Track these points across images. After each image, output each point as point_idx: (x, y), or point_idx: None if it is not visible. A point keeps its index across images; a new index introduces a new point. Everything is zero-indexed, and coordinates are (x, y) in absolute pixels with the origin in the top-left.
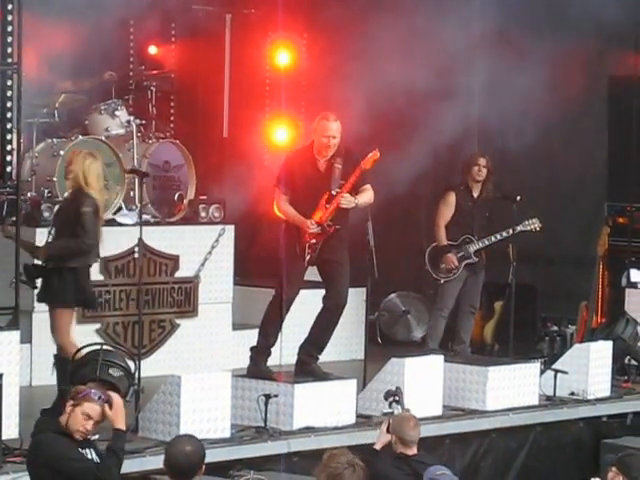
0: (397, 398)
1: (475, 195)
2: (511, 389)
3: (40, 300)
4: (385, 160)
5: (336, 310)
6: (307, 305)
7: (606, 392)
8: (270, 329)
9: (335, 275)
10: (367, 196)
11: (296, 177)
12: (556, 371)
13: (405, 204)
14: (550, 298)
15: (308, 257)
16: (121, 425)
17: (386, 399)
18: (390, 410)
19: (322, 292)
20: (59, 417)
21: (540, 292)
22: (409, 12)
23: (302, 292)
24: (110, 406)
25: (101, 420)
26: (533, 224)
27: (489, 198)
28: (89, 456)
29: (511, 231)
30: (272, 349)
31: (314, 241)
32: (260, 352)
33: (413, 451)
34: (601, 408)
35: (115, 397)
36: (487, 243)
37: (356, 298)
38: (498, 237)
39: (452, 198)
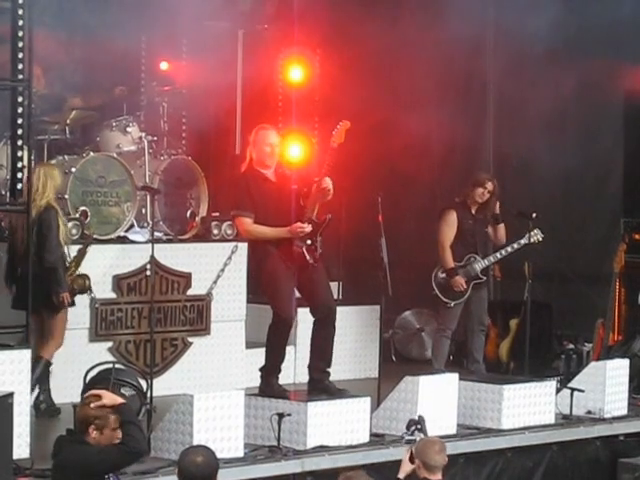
0: (419, 426)
1: (474, 211)
2: (527, 407)
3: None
4: (398, 176)
5: (328, 318)
6: None
7: (623, 411)
8: (276, 350)
9: (311, 281)
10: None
11: (254, 197)
12: (572, 389)
13: (419, 220)
14: (566, 316)
15: (311, 260)
16: (117, 401)
17: (408, 429)
18: (413, 437)
19: None
20: (80, 436)
21: (556, 310)
22: (423, 28)
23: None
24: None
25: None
26: (535, 235)
27: (487, 214)
28: None
29: (515, 246)
30: (282, 366)
31: (309, 242)
32: (270, 372)
33: (437, 477)
34: (618, 427)
35: (99, 392)
36: (493, 260)
37: (370, 316)
38: (503, 253)
39: (453, 216)
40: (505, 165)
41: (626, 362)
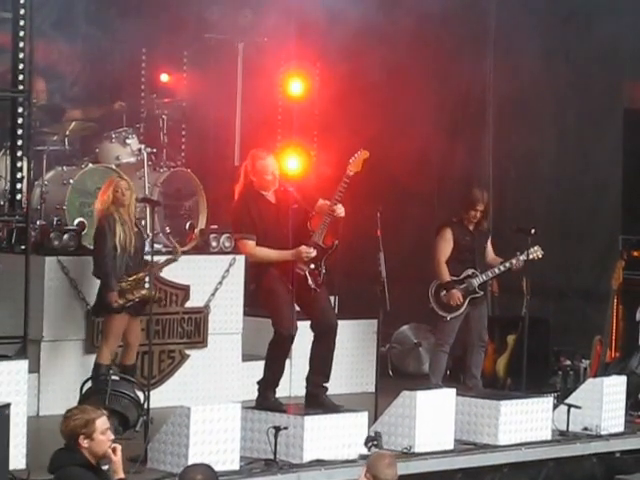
0: (376, 442)
1: (471, 228)
2: (524, 423)
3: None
4: (397, 190)
5: (329, 333)
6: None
7: (620, 427)
8: (275, 364)
9: (312, 301)
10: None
11: (255, 219)
12: (569, 406)
13: (417, 235)
14: (563, 332)
15: (313, 285)
16: (122, 475)
17: (366, 445)
18: (369, 454)
19: None
20: (77, 451)
21: (553, 326)
22: (422, 41)
23: (308, 322)
24: (114, 452)
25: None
26: (535, 252)
27: (485, 229)
28: None
29: (514, 261)
30: (280, 381)
31: (313, 266)
32: (268, 385)
33: None
34: (614, 444)
35: (118, 447)
36: (491, 275)
37: (367, 330)
38: (502, 269)
39: (449, 233)
40: (504, 179)
41: (623, 379)
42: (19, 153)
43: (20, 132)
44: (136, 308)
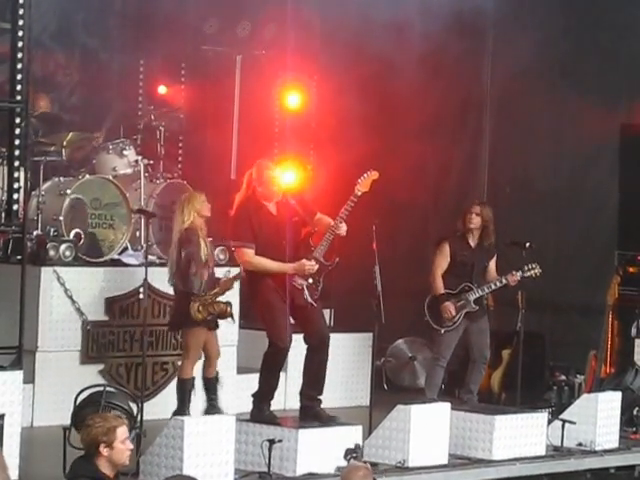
0: (355, 455)
1: (472, 243)
2: (518, 439)
3: None
4: (393, 204)
5: (322, 345)
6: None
7: (614, 443)
8: (270, 377)
9: (306, 313)
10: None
11: (255, 228)
12: (564, 421)
13: (413, 249)
14: (558, 347)
15: (310, 299)
16: None
17: (345, 457)
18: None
19: None
20: (94, 463)
21: (548, 341)
22: (420, 54)
23: (302, 335)
24: None
25: None
26: (533, 269)
27: (489, 247)
28: None
29: (510, 278)
30: (274, 393)
31: (311, 281)
32: (263, 398)
33: None
34: (609, 459)
35: None
36: (487, 290)
37: (362, 344)
38: (498, 284)
39: (446, 248)
40: (499, 193)
41: (618, 395)
42: (16, 163)
43: (17, 142)
44: (213, 321)
